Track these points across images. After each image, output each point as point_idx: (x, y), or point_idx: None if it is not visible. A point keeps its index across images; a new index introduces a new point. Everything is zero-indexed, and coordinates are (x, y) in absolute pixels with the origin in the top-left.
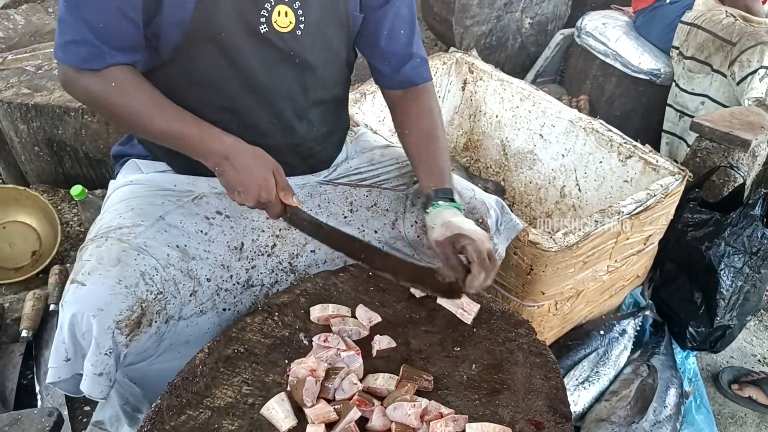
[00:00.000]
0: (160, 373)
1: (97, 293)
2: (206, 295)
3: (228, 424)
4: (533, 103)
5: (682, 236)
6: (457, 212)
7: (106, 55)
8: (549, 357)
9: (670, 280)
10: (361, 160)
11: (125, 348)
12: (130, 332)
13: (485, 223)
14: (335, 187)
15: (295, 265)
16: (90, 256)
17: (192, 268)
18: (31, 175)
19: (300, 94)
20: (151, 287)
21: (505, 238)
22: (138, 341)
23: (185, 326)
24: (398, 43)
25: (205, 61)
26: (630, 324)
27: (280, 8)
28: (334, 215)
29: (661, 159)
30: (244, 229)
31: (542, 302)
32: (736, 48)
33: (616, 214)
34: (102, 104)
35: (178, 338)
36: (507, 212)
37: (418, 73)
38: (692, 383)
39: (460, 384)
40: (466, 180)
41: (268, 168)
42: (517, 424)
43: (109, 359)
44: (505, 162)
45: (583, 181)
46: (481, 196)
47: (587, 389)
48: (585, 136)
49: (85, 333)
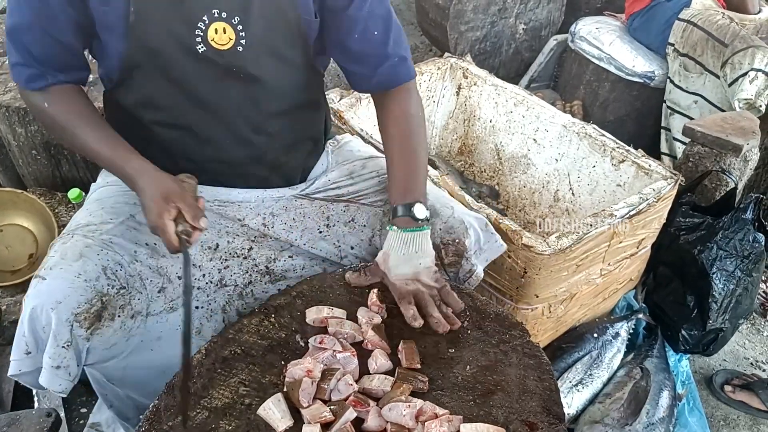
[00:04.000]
0: (137, 372)
1: (56, 287)
2: (177, 292)
3: (225, 425)
4: (527, 108)
5: (675, 240)
6: (412, 238)
7: (48, 75)
8: (543, 359)
9: (663, 283)
10: (341, 173)
11: (87, 342)
12: (90, 325)
13: (462, 243)
14: (311, 202)
15: (271, 268)
16: (55, 252)
17: (162, 265)
18: (28, 179)
19: (251, 107)
20: (113, 281)
21: (485, 258)
22: (101, 335)
23: (155, 322)
24: (371, 43)
25: (149, 82)
26: (623, 327)
27: (216, 26)
28: (309, 230)
29: (654, 163)
30: (218, 231)
31: (536, 305)
32: (728, 49)
33: (609, 217)
34: (41, 120)
35: (149, 335)
36: (491, 232)
37: (395, 73)
38: (685, 386)
39: (454, 385)
40: (460, 188)
41: (158, 190)
42: (511, 424)
43: (66, 352)
44: (499, 166)
45: (577, 185)
46: (461, 215)
47: (581, 391)
48: (578, 141)
49: (44, 326)
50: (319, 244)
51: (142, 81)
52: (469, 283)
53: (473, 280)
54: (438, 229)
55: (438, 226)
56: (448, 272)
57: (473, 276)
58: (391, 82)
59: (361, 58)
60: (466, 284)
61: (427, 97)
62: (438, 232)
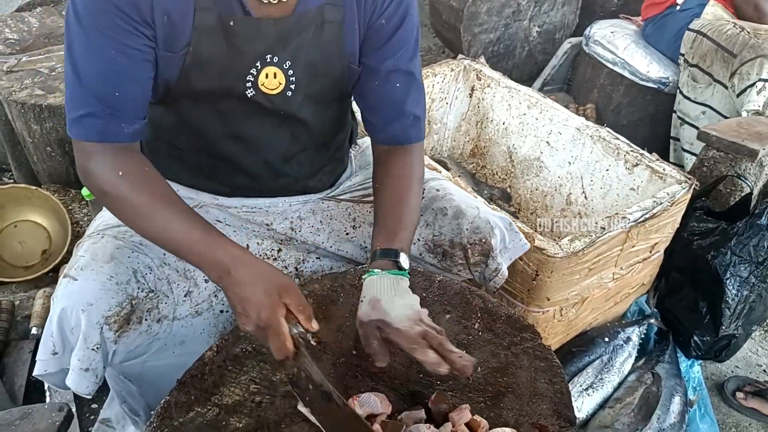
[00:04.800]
0: (155, 371)
1: (87, 288)
2: (202, 296)
3: (235, 422)
4: (540, 110)
5: (688, 245)
6: (397, 282)
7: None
8: (554, 362)
9: (675, 288)
10: (365, 176)
11: (114, 344)
12: (119, 328)
13: (489, 243)
14: (338, 204)
15: (300, 270)
16: (85, 252)
17: (189, 269)
18: (42, 175)
19: (287, 142)
20: (143, 285)
21: (509, 257)
22: (127, 338)
23: (180, 327)
24: (391, 97)
25: (192, 110)
26: (635, 332)
27: (267, 70)
28: (336, 232)
29: (668, 167)
30: (247, 234)
31: (547, 308)
32: (737, 60)
33: (622, 221)
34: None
35: (173, 339)
36: (515, 231)
37: (406, 132)
38: (696, 392)
39: (465, 386)
40: (472, 190)
41: (273, 284)
42: (521, 427)
43: (96, 355)
44: (511, 169)
45: (590, 189)
46: (486, 215)
47: (591, 396)
48: (592, 144)
49: (73, 328)
50: (345, 246)
51: (186, 108)
52: (494, 282)
53: (499, 279)
54: (465, 229)
55: (464, 227)
56: (474, 272)
57: (499, 275)
58: (399, 140)
59: (377, 109)
60: (492, 283)
61: (440, 98)
62: (465, 232)
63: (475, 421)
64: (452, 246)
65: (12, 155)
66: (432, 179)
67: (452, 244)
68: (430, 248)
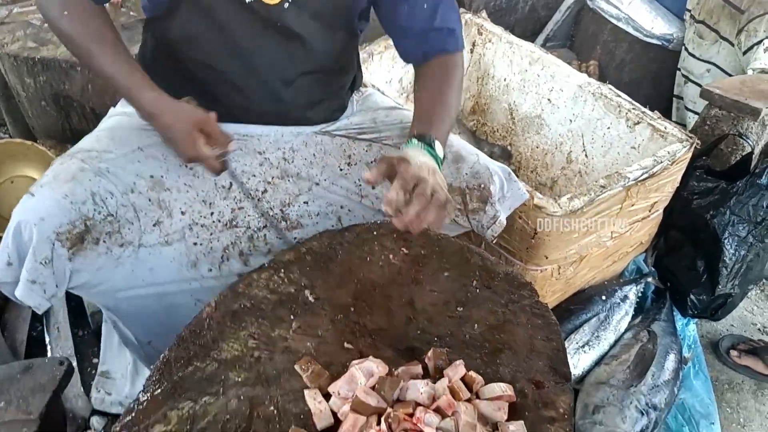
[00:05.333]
0: (130, 302)
1: (42, 204)
2: (175, 227)
3: (234, 376)
4: (542, 66)
5: (688, 204)
6: (425, 153)
7: None
8: (551, 319)
9: (674, 247)
10: (363, 118)
11: (69, 262)
12: (72, 246)
13: (488, 189)
14: (332, 138)
15: (286, 213)
16: (50, 172)
17: (164, 199)
18: (38, 130)
19: (286, 62)
20: (100, 208)
21: (508, 206)
22: (84, 257)
23: (147, 254)
24: (419, 18)
25: (192, 20)
26: (632, 290)
27: None
28: (330, 167)
29: (670, 126)
30: (233, 171)
31: (545, 266)
32: (744, 16)
33: (621, 179)
34: (59, 36)
35: (141, 265)
36: (513, 180)
37: (441, 44)
38: (691, 350)
39: (462, 343)
40: (472, 144)
41: (189, 124)
42: (517, 383)
43: (44, 269)
44: (512, 126)
45: (590, 147)
46: (485, 162)
47: (587, 353)
48: (593, 102)
49: (27, 241)
50: (340, 181)
51: (187, 17)
52: (492, 230)
53: (496, 227)
54: (464, 174)
55: (464, 171)
56: (471, 219)
57: (497, 222)
58: (434, 50)
59: (408, 32)
60: (490, 231)
61: None
62: (464, 177)
63: (470, 376)
64: (451, 190)
65: (6, 110)
66: None
67: (451, 188)
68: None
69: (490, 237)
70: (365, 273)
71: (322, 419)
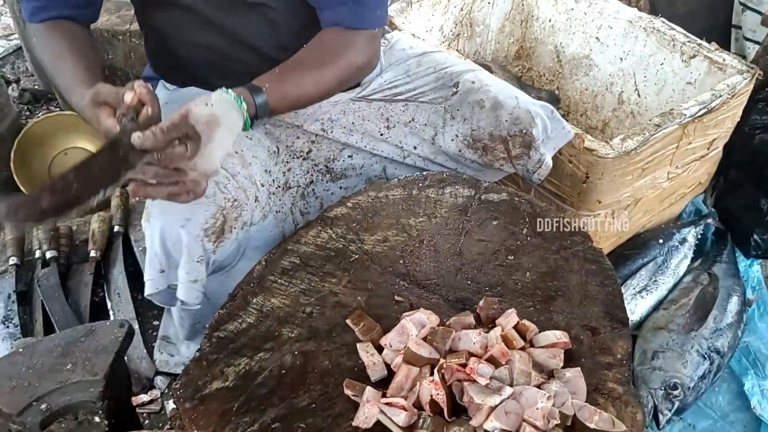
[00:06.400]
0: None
1: (180, 205)
2: (263, 199)
3: (287, 332)
4: (589, 3)
5: (749, 140)
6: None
7: (51, 7)
8: (605, 264)
9: (734, 186)
10: (396, 73)
11: (213, 255)
12: (216, 239)
13: (530, 133)
14: (369, 104)
15: (331, 167)
16: None
17: (251, 174)
18: None
19: (270, 29)
20: (227, 195)
21: (553, 147)
22: (223, 247)
23: (255, 231)
24: None
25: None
26: (691, 232)
27: None
28: (369, 132)
29: (728, 57)
30: (279, 135)
31: (598, 211)
32: None
33: (677, 117)
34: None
35: (250, 243)
36: (557, 119)
37: (343, 17)
38: (756, 291)
39: (514, 292)
40: (515, 87)
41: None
42: (572, 329)
43: (200, 266)
44: (559, 69)
45: (643, 86)
46: (526, 105)
47: (645, 298)
48: (645, 37)
49: (175, 244)
50: (380, 145)
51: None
52: (539, 173)
53: (543, 171)
54: (503, 121)
55: (503, 119)
56: (516, 165)
57: (543, 166)
58: (330, 21)
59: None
60: (536, 175)
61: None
62: (504, 124)
63: (523, 325)
64: (492, 139)
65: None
66: (466, 71)
67: (492, 138)
68: (470, 143)
69: (537, 180)
70: (412, 225)
71: (376, 371)
